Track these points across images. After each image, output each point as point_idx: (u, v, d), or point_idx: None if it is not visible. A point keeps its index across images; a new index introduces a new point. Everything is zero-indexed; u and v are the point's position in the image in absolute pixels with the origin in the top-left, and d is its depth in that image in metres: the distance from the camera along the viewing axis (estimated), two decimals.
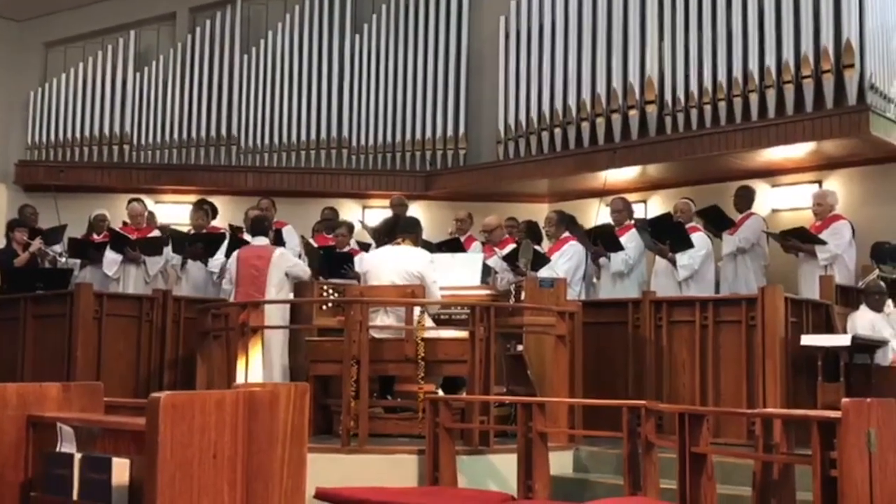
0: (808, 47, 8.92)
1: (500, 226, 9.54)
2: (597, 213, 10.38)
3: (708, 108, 9.53)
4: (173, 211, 11.60)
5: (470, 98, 11.73)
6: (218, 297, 8.67)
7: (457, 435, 6.10)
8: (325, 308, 7.45)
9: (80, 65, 12.54)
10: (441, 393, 6.61)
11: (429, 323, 6.64)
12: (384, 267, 6.85)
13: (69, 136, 12.32)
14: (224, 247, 9.17)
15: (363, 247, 9.67)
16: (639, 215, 9.95)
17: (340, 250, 9.42)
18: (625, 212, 9.32)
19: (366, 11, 12.25)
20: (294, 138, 11.92)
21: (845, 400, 3.77)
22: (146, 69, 12.39)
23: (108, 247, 9.57)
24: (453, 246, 9.09)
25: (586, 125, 10.44)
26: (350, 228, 9.99)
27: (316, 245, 9.63)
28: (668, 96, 9.88)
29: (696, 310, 7.19)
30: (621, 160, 10.09)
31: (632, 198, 10.03)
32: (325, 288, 7.82)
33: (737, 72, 9.38)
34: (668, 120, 9.85)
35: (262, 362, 6.97)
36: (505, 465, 6.02)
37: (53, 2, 12.49)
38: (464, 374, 6.52)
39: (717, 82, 9.51)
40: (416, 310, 6.52)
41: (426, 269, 6.79)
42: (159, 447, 2.55)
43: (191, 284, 9.48)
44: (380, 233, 8.97)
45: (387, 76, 11.91)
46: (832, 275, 7.91)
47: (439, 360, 6.50)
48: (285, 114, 11.98)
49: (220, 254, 9.20)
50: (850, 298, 7.77)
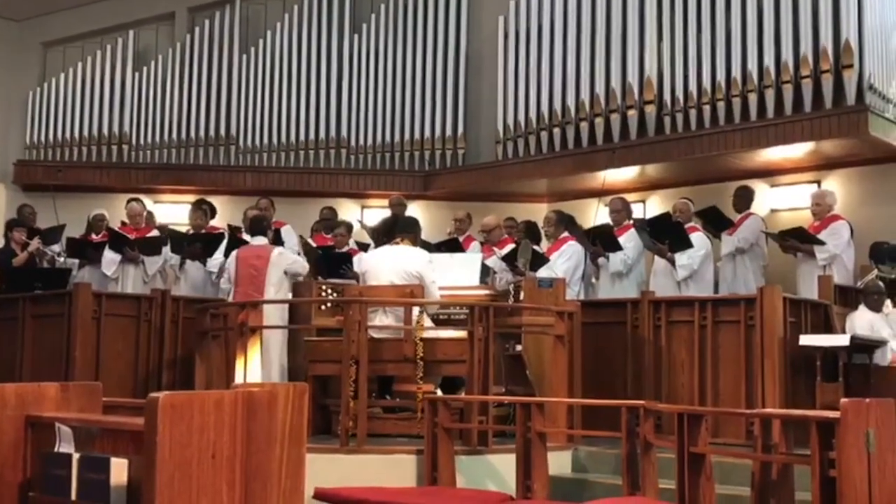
0: (806, 47, 8.93)
1: (498, 226, 9.53)
2: (595, 213, 10.37)
3: (707, 109, 9.53)
4: (172, 211, 11.60)
5: (469, 98, 11.73)
6: (217, 296, 8.65)
7: (455, 435, 6.08)
8: (323, 308, 7.43)
9: (79, 64, 12.54)
10: (440, 393, 6.60)
11: (427, 323, 6.63)
12: (383, 267, 6.84)
13: (68, 135, 12.32)
14: (223, 246, 9.17)
15: (362, 247, 9.66)
16: (638, 215, 9.96)
17: (339, 250, 9.42)
18: (624, 212, 9.32)
19: (364, 11, 12.25)
20: (293, 138, 11.92)
21: (844, 400, 3.76)
22: (145, 69, 12.38)
23: (107, 246, 9.56)
24: (452, 246, 9.09)
25: (585, 125, 10.44)
26: (349, 228, 9.99)
27: (315, 245, 9.64)
28: (666, 96, 9.88)
29: (694, 310, 7.18)
30: (620, 160, 10.09)
31: (631, 198, 10.04)
32: (324, 288, 7.80)
33: (735, 72, 9.38)
34: (667, 120, 9.86)
35: (260, 362, 6.96)
36: (504, 465, 6.01)
37: (52, 1, 12.48)
38: (462, 374, 6.51)
39: (715, 82, 9.51)
40: (415, 310, 6.51)
41: (425, 269, 6.78)
42: (158, 447, 2.55)
43: (189, 284, 9.48)
44: (378, 233, 8.94)
45: (385, 76, 11.90)
46: (831, 275, 7.91)
47: (438, 360, 6.49)
48: (284, 113, 11.98)
49: (218, 253, 9.20)
50: (849, 298, 7.77)
